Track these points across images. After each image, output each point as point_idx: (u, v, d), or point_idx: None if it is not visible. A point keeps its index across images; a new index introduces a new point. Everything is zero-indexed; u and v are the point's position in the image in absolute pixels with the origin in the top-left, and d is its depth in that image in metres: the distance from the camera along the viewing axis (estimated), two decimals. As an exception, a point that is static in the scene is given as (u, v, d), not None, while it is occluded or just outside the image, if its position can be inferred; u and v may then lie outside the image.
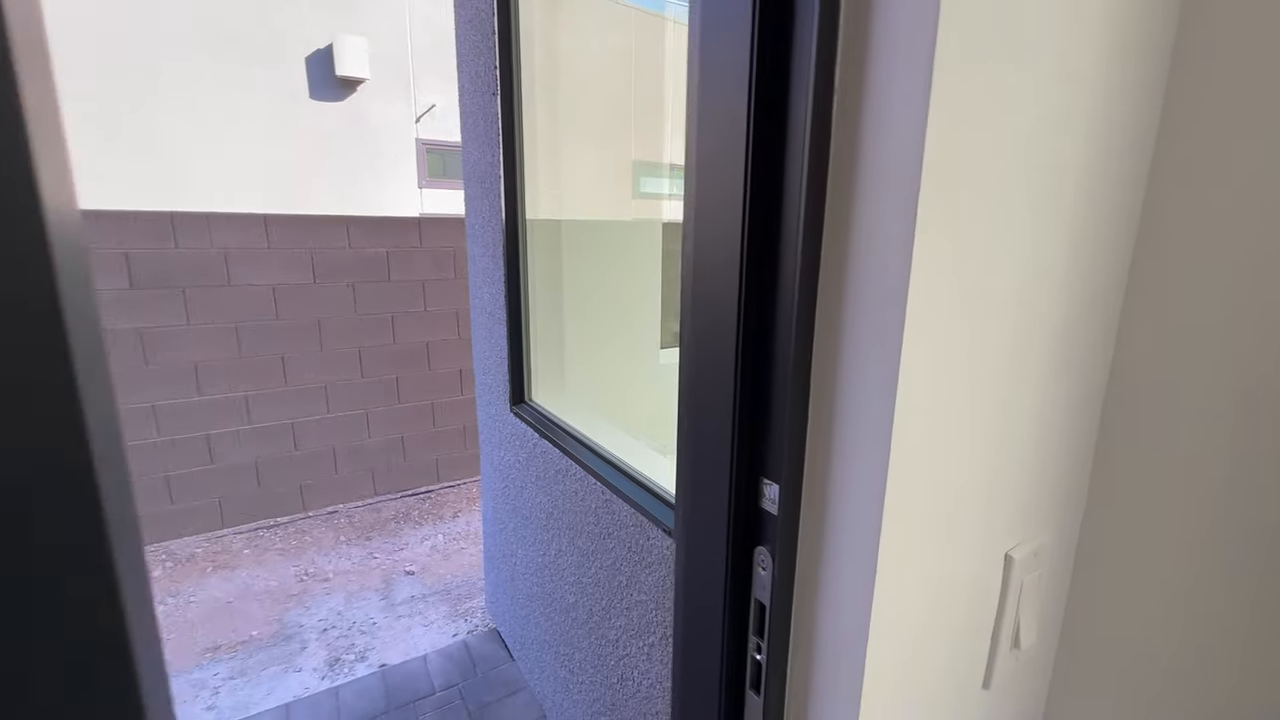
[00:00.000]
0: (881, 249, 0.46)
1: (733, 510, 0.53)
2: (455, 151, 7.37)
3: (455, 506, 3.90)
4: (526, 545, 1.85)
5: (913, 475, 0.49)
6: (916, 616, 0.54)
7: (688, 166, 0.61)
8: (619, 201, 2.41)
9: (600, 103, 2.16)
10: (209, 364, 3.23)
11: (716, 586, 0.56)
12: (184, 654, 2.56)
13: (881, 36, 0.46)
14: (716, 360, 0.57)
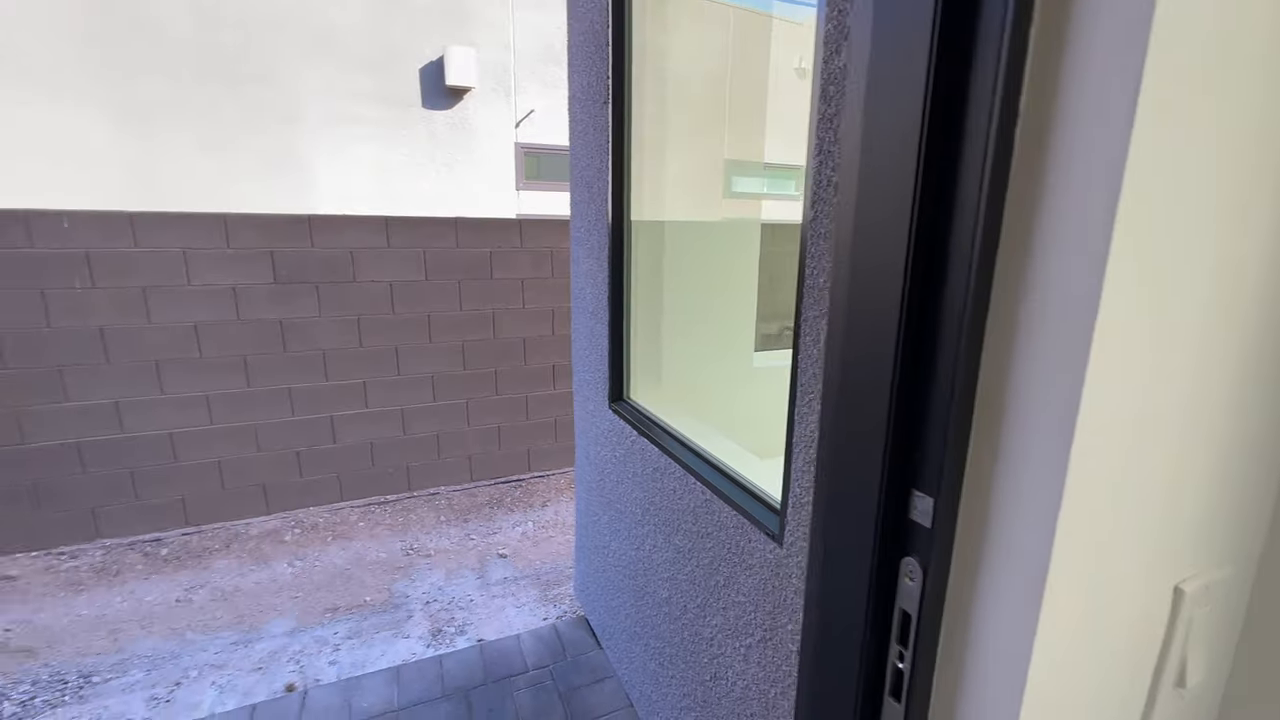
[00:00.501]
0: (1069, 260, 0.45)
1: (880, 521, 0.54)
2: (550, 154, 7.65)
3: (544, 496, 4.07)
4: (620, 538, 1.91)
5: (1087, 497, 0.48)
6: (1078, 643, 0.53)
7: (845, 168, 0.61)
8: (711, 202, 2.42)
9: (697, 103, 2.18)
10: (335, 352, 3.57)
11: (857, 594, 0.57)
12: (310, 612, 2.85)
13: (1082, 67, 0.45)
14: (869, 372, 0.57)
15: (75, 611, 2.82)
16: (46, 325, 2.98)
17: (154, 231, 3.08)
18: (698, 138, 2.21)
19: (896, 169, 0.54)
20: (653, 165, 1.86)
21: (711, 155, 2.35)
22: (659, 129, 1.85)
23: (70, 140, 5.64)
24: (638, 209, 1.81)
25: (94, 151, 5.72)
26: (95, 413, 3.14)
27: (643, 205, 1.82)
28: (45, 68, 5.49)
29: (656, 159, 1.88)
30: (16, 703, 2.27)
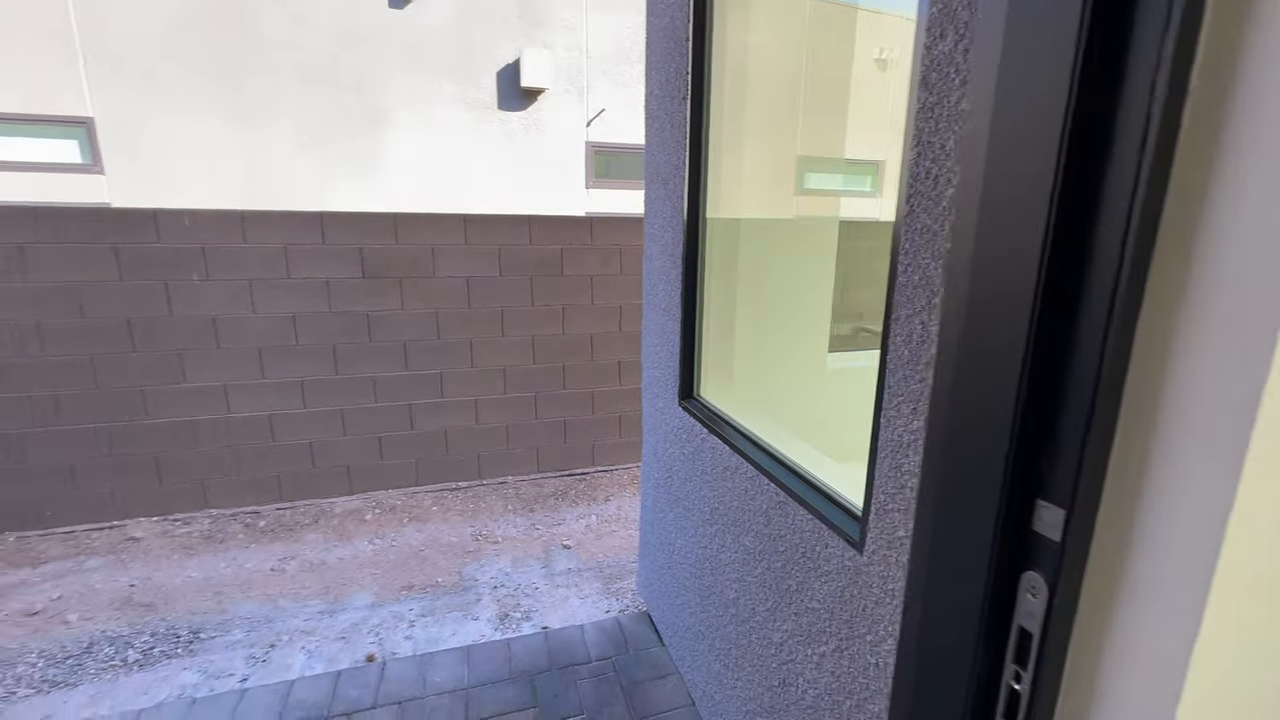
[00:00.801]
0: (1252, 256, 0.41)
1: (999, 532, 0.50)
2: (620, 153, 7.72)
3: (608, 490, 4.12)
4: (686, 536, 1.90)
5: (1256, 522, 0.43)
6: (1240, 682, 0.48)
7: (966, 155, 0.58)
8: (782, 198, 2.36)
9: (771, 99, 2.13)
10: (414, 344, 3.76)
11: (968, 608, 0.54)
12: (387, 589, 3.02)
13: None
14: (990, 373, 0.54)
15: (186, 573, 3.11)
16: (169, 313, 3.30)
17: (261, 228, 3.34)
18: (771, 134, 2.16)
19: (1033, 155, 0.50)
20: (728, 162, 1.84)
21: (784, 151, 2.29)
22: (735, 125, 1.83)
23: (192, 145, 6.22)
24: (713, 206, 1.80)
25: (211, 155, 6.28)
26: (207, 394, 3.45)
27: (718, 202, 1.81)
28: (174, 82, 6.07)
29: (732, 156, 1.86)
30: (139, 651, 2.54)
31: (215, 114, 6.24)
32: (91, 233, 3.11)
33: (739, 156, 1.93)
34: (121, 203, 6.09)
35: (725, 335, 1.86)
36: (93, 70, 5.95)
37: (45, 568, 3.11)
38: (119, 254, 3.16)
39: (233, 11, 6.13)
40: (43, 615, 2.78)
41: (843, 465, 1.44)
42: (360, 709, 1.96)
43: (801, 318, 2.23)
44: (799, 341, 2.22)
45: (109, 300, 3.19)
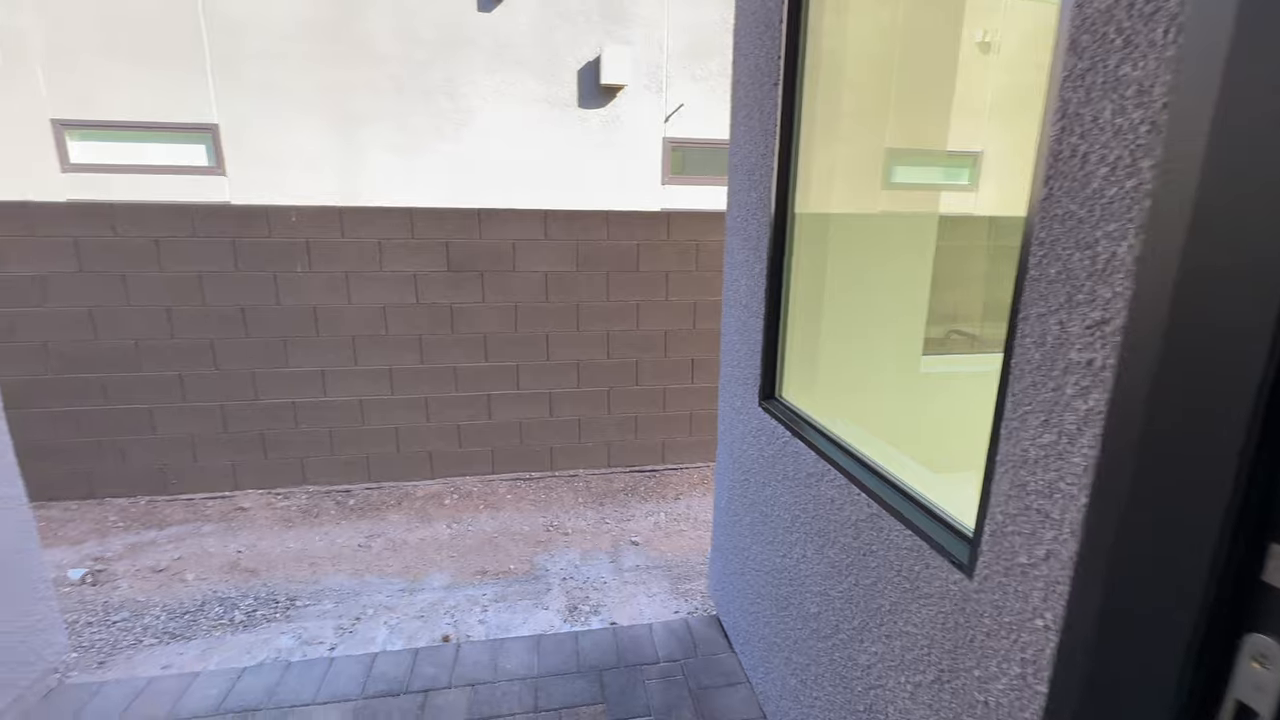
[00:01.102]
0: None
1: (1214, 581, 0.42)
2: (697, 148, 7.63)
3: (678, 488, 4.07)
4: (762, 543, 1.82)
5: None
6: None
7: (1177, 129, 0.49)
8: (869, 193, 2.22)
9: (864, 86, 2.00)
10: (494, 336, 3.87)
11: (1157, 670, 0.45)
12: (463, 572, 3.12)
13: None
14: (1212, 384, 0.44)
15: (285, 544, 3.36)
16: (276, 303, 3.56)
17: (357, 224, 3.54)
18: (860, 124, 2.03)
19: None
20: (818, 153, 1.74)
21: (874, 144, 2.15)
22: (826, 114, 1.72)
23: (299, 148, 6.72)
24: (801, 199, 1.70)
25: (315, 157, 6.76)
26: (307, 378, 3.70)
27: (807, 195, 1.71)
28: (286, 90, 6.58)
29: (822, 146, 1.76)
30: (244, 612, 2.75)
31: (320, 119, 6.71)
32: (214, 228, 3.40)
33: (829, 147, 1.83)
34: (239, 201, 6.68)
35: (810, 334, 1.77)
36: (218, 82, 6.54)
37: (169, 530, 3.45)
38: (236, 248, 3.44)
39: (341, 27, 6.56)
40: (166, 573, 3.08)
41: (942, 476, 1.32)
42: (436, 687, 2.02)
43: (893, 318, 2.09)
44: (890, 343, 2.08)
45: (227, 289, 3.49)
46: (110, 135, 6.67)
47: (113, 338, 3.44)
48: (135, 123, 6.56)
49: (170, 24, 6.35)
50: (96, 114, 6.48)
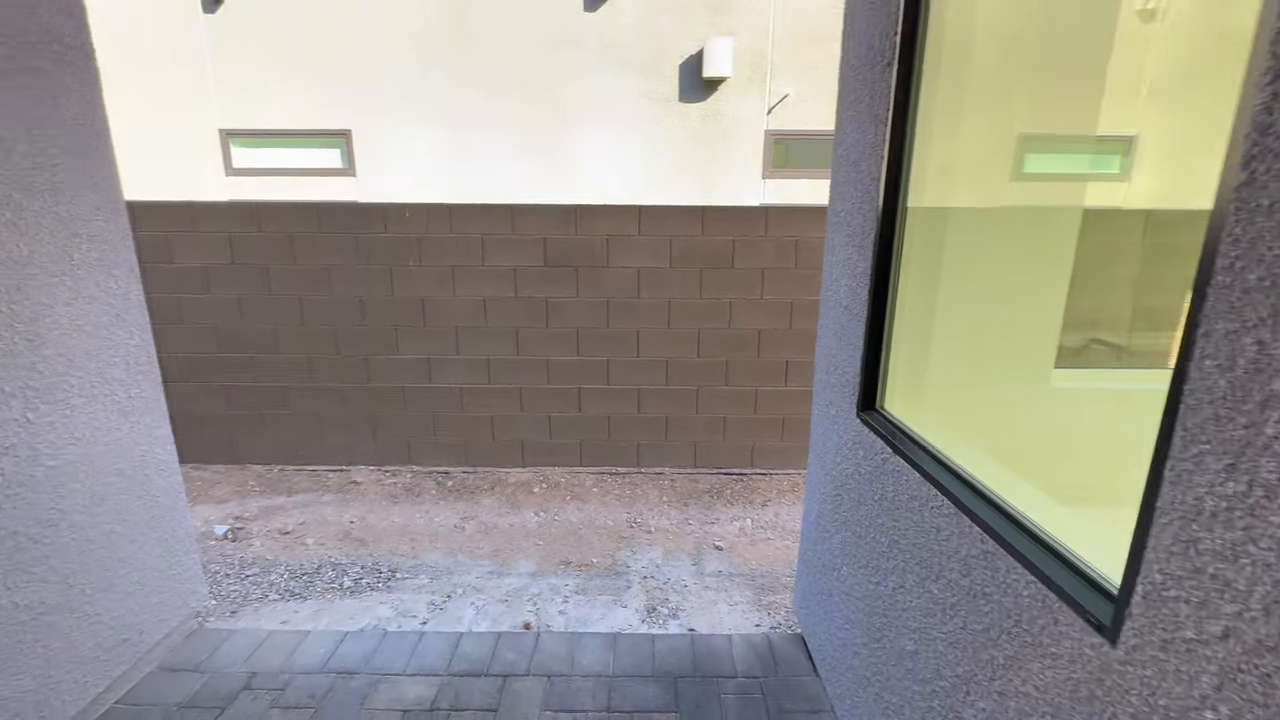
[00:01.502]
0: None
1: None
2: (801, 140, 7.31)
3: (765, 494, 3.92)
4: (855, 565, 1.68)
5: None
6: None
7: None
8: (995, 184, 1.96)
9: (994, 63, 1.76)
10: (586, 330, 3.92)
11: None
12: (547, 561, 3.19)
13: None
14: None
15: (391, 518, 3.61)
16: (390, 294, 3.83)
17: (464, 220, 3.72)
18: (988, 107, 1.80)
19: None
20: (936, 141, 1.56)
21: (1003, 129, 1.90)
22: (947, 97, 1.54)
23: (416, 149, 7.22)
24: (915, 191, 1.54)
25: (430, 157, 7.23)
26: (414, 365, 3.95)
27: (922, 187, 1.54)
28: (408, 96, 7.09)
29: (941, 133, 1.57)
30: (352, 579, 2.99)
31: (436, 121, 7.15)
32: (339, 224, 3.71)
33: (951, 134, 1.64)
34: (366, 199, 7.30)
35: (920, 341, 1.60)
36: (352, 90, 7.16)
37: (296, 497, 3.83)
38: (358, 242, 3.74)
39: (457, 34, 6.96)
40: (291, 535, 3.42)
41: (1071, 510, 1.14)
42: (515, 673, 2.07)
43: (1020, 325, 1.85)
44: (1015, 353, 1.84)
45: (348, 281, 3.80)
46: (265, 142, 7.53)
47: (257, 322, 3.86)
48: (284, 130, 7.36)
49: (314, 39, 7.04)
50: (254, 123, 7.34)
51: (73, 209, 1.74)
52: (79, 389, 1.77)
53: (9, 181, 1.55)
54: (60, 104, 1.69)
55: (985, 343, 1.80)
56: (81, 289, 1.77)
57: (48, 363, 1.67)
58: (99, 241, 1.83)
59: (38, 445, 1.65)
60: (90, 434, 1.81)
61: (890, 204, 1.52)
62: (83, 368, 1.78)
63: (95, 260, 1.82)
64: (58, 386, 1.70)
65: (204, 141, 7.36)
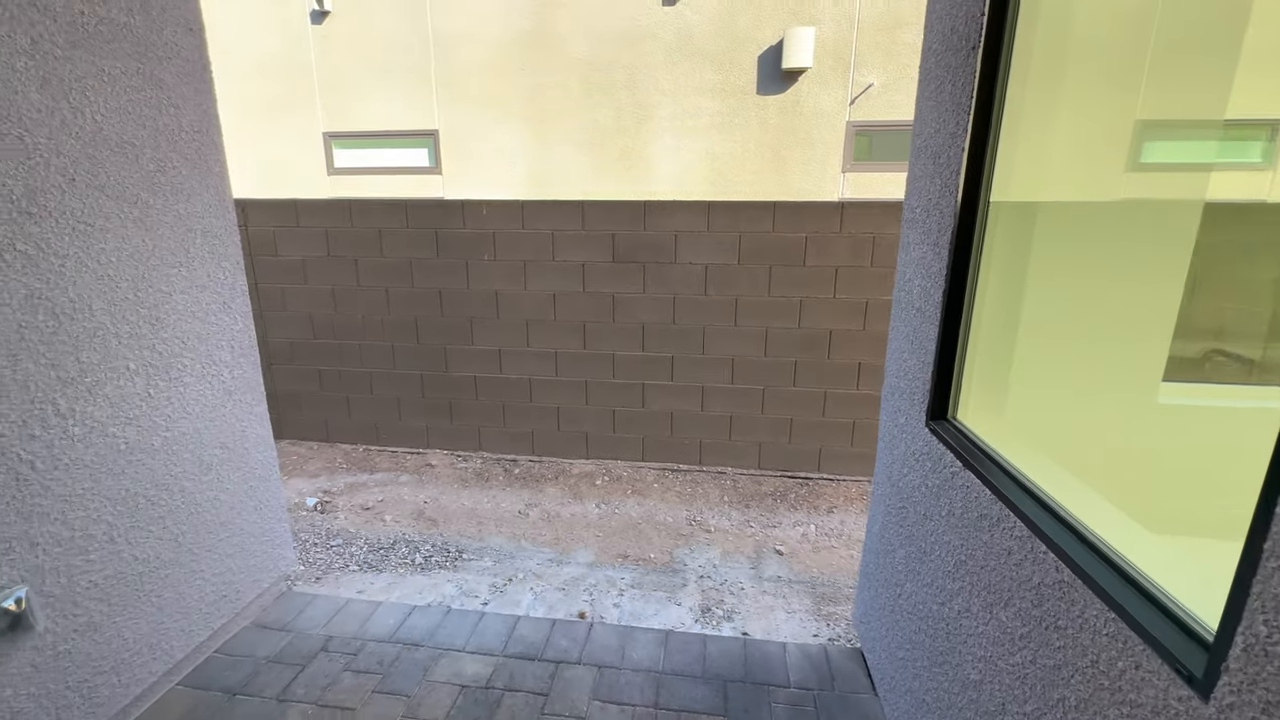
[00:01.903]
0: None
1: None
2: (885, 132, 6.95)
3: (831, 500, 3.79)
4: (919, 583, 1.59)
5: None
6: None
7: None
8: (1106, 176, 1.77)
9: (1101, 43, 1.59)
10: (651, 326, 3.93)
11: None
12: (605, 553, 3.24)
13: None
14: None
15: (460, 501, 3.79)
16: (466, 287, 4.00)
17: (536, 216, 3.82)
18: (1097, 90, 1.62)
19: None
20: (1027, 129, 1.43)
21: (1116, 114, 1.71)
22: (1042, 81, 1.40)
23: (497, 148, 7.49)
24: (1001, 185, 1.42)
25: (509, 156, 7.48)
26: (487, 356, 4.12)
27: (1008, 180, 1.42)
28: (491, 97, 7.37)
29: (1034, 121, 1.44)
30: (423, 556, 3.16)
31: (517, 120, 7.37)
32: (422, 220, 3.91)
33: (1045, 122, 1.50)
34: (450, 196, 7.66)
35: (1001, 347, 1.48)
36: (440, 93, 7.52)
37: (377, 475, 4.10)
38: (438, 237, 3.93)
39: (537, 34, 7.14)
40: (371, 511, 3.66)
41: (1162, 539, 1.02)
42: (567, 660, 2.12)
43: (1123, 332, 1.67)
44: (1115, 363, 1.66)
45: (429, 274, 4.00)
46: (362, 143, 8.07)
47: (348, 312, 4.15)
48: (379, 131, 7.85)
49: (408, 45, 7.45)
50: (353, 127, 7.88)
51: (190, 207, 1.94)
52: (190, 369, 1.97)
53: (138, 183, 1.75)
54: (181, 113, 1.88)
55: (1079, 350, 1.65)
56: (195, 279, 1.97)
57: (166, 344, 1.87)
58: (210, 236, 2.03)
59: (156, 418, 1.85)
60: (199, 409, 2.01)
61: (971, 198, 1.41)
62: (194, 350, 1.98)
63: (207, 253, 2.02)
64: (173, 366, 1.90)
65: (309, 144, 7.99)
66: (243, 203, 3.97)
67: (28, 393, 1.49)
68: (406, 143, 7.92)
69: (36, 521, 1.52)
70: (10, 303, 1.44)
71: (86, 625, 1.66)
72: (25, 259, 1.47)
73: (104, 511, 1.69)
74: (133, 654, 1.81)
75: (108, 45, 1.65)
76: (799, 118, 6.98)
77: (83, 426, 1.62)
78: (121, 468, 1.74)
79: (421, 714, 1.87)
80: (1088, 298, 1.61)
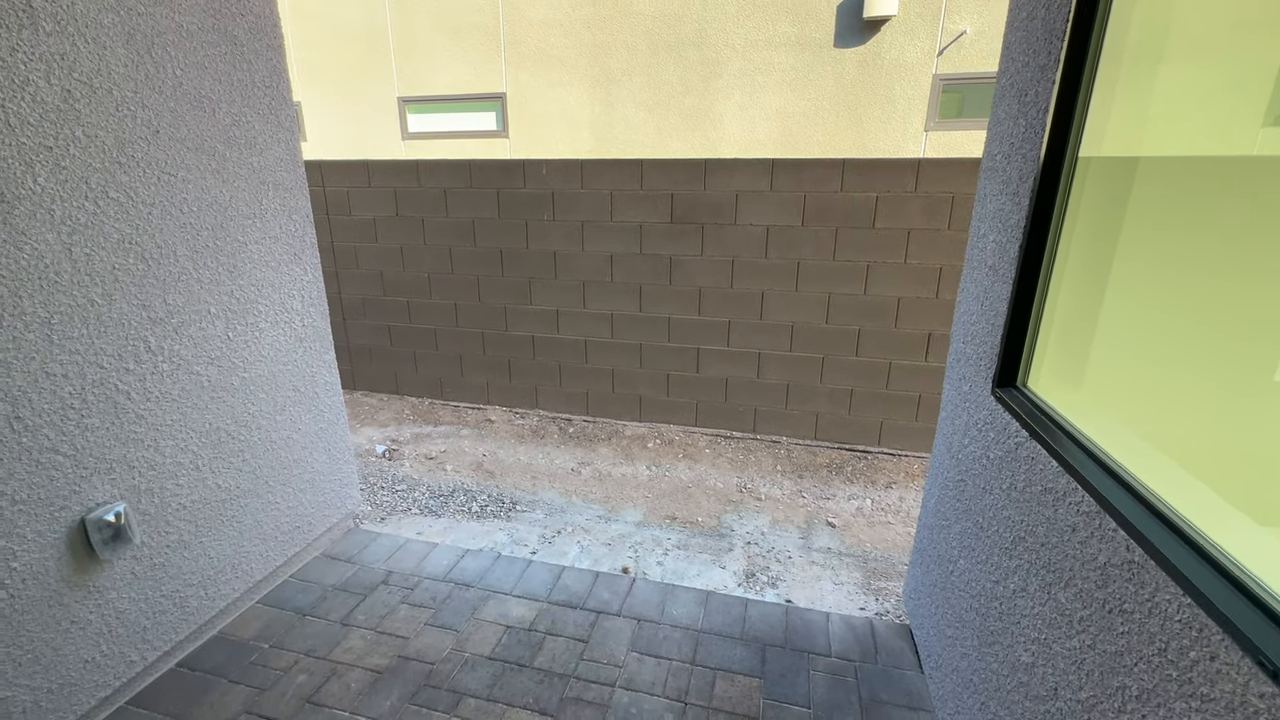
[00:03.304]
0: None
1: None
2: (977, 85, 6.38)
3: (890, 476, 3.64)
4: (973, 559, 1.50)
5: None
6: None
7: None
8: (1234, 128, 1.52)
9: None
10: (709, 290, 3.84)
11: None
12: (653, 514, 3.27)
13: None
14: None
15: (517, 456, 3.92)
16: (526, 247, 4.04)
17: (594, 175, 3.79)
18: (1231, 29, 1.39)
19: None
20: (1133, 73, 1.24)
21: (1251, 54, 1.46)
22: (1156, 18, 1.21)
23: (562, 109, 7.45)
24: (1095, 131, 1.25)
25: (575, 116, 7.43)
26: (544, 316, 4.18)
27: (1103, 126, 1.25)
28: (558, 58, 7.31)
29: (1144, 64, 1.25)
30: (479, 504, 3.30)
31: (582, 80, 7.29)
32: (485, 179, 3.97)
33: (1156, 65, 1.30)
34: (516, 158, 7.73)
35: (1084, 311, 1.33)
36: (508, 55, 7.53)
37: (440, 428, 4.29)
38: (499, 197, 3.98)
39: (606, -13, 6.96)
40: (435, 461, 3.85)
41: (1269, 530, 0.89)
42: (607, 611, 2.16)
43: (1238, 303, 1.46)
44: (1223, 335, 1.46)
45: (491, 234, 4.07)
46: (434, 108, 8.24)
47: (415, 270, 4.31)
48: (451, 96, 7.98)
49: (477, 8, 7.47)
50: (426, 91, 8.04)
51: (263, 160, 2.04)
52: (265, 315, 2.10)
53: (214, 135, 1.85)
54: (253, 68, 1.96)
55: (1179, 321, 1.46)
56: (268, 230, 2.08)
57: (243, 290, 2.00)
58: (282, 189, 2.13)
59: (234, 359, 1.99)
60: (274, 354, 2.15)
61: (1058, 142, 1.26)
62: (268, 298, 2.11)
63: (279, 206, 2.12)
64: (249, 311, 2.03)
65: (385, 110, 8.24)
66: (318, 164, 4.16)
67: (123, 330, 1.63)
68: (476, 106, 8.03)
69: (133, 446, 1.68)
70: (106, 245, 1.57)
71: (177, 542, 1.84)
72: (117, 206, 1.59)
73: (190, 442, 1.85)
74: (218, 571, 2.00)
75: (185, 1, 1.73)
76: (879, 71, 6.52)
77: (170, 363, 1.76)
78: (205, 403, 1.89)
79: (469, 648, 1.97)
80: (1194, 261, 1.42)
